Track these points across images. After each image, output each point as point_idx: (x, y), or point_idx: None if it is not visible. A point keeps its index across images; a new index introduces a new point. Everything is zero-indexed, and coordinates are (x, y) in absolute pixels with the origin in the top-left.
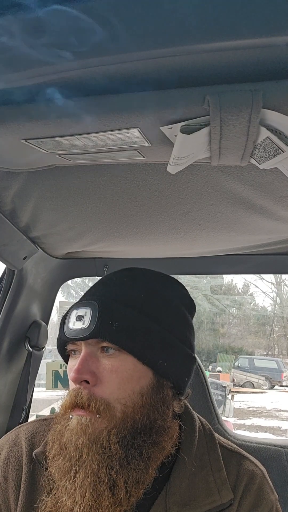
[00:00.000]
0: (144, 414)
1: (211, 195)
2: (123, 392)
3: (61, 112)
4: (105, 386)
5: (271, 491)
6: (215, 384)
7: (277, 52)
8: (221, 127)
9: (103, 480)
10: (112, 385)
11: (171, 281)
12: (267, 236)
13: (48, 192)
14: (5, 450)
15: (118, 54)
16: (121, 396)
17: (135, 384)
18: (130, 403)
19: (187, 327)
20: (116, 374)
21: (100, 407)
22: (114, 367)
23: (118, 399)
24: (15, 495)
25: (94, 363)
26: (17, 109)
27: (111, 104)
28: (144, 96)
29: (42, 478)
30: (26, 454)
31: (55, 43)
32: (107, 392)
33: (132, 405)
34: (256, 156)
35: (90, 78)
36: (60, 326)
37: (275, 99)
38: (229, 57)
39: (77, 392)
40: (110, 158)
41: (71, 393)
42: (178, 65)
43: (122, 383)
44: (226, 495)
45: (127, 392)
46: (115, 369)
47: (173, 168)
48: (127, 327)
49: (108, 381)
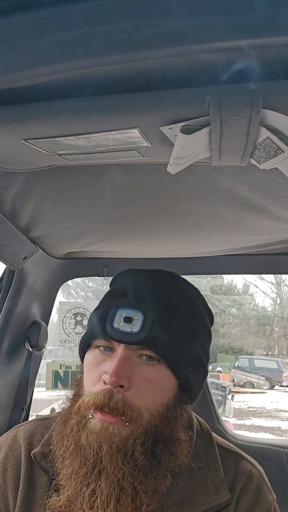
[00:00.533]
0: (165, 425)
1: (211, 195)
2: (153, 402)
3: (61, 112)
4: (138, 394)
5: (269, 492)
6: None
7: (277, 52)
8: (221, 127)
9: (127, 490)
10: (144, 394)
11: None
12: (267, 236)
13: (48, 192)
14: (4, 449)
15: (118, 54)
16: (150, 405)
17: (164, 395)
18: (156, 413)
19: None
20: (150, 383)
21: (132, 416)
22: (150, 376)
23: (147, 408)
24: (14, 494)
25: (130, 368)
26: (17, 109)
27: (111, 104)
28: (144, 96)
29: (41, 476)
30: (24, 453)
31: (55, 43)
32: (139, 400)
33: (158, 415)
34: (256, 156)
35: (90, 78)
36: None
37: (275, 99)
38: (229, 57)
39: (109, 394)
40: (110, 158)
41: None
42: (178, 65)
43: (154, 393)
44: (223, 495)
45: (156, 402)
46: (150, 379)
47: (173, 168)
48: (174, 340)
49: (141, 389)
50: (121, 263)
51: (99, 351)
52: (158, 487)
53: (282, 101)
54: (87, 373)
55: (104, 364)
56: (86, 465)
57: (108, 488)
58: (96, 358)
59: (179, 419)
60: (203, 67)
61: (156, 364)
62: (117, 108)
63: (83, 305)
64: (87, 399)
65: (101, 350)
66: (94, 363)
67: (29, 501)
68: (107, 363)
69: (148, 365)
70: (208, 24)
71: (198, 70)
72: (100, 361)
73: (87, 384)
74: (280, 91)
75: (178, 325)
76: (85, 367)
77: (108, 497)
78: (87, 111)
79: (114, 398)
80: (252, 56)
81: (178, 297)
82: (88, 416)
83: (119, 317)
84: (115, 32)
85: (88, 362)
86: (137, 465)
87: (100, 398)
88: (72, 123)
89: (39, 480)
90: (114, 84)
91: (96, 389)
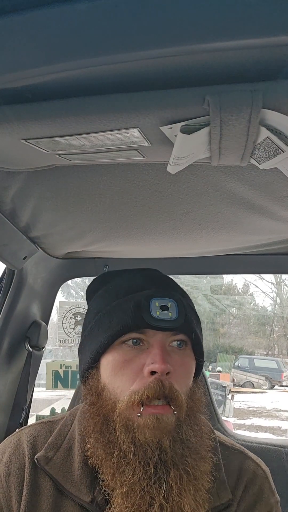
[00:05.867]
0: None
1: (211, 195)
2: (186, 385)
3: (61, 112)
4: (177, 379)
5: (272, 493)
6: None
7: (277, 52)
8: (221, 127)
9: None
10: (181, 379)
11: None
12: (267, 236)
13: (48, 192)
14: (7, 453)
15: (118, 54)
16: (184, 389)
17: (191, 378)
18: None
19: None
20: (184, 368)
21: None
22: (184, 361)
23: (184, 392)
24: (18, 499)
25: (167, 355)
26: (17, 109)
27: (111, 104)
28: (144, 96)
29: (45, 481)
30: (28, 457)
31: (55, 43)
32: (178, 385)
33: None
34: (256, 156)
35: (90, 78)
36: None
37: (275, 99)
38: (229, 57)
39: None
40: (110, 158)
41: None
42: (178, 65)
43: (187, 377)
44: (224, 496)
45: (188, 385)
46: (184, 363)
47: (173, 168)
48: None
49: (179, 374)
50: (121, 263)
51: (128, 346)
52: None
53: (282, 101)
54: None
55: (138, 358)
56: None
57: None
58: (127, 354)
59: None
60: (203, 67)
61: (186, 349)
62: (117, 108)
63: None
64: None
65: (130, 345)
66: (125, 361)
67: (33, 505)
68: (143, 355)
69: (180, 350)
70: (208, 23)
71: (198, 70)
72: (132, 357)
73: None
74: (280, 91)
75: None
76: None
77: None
78: (87, 111)
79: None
80: (252, 56)
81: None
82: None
83: (155, 307)
84: (114, 32)
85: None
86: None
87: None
88: (72, 123)
89: (43, 484)
90: (114, 84)
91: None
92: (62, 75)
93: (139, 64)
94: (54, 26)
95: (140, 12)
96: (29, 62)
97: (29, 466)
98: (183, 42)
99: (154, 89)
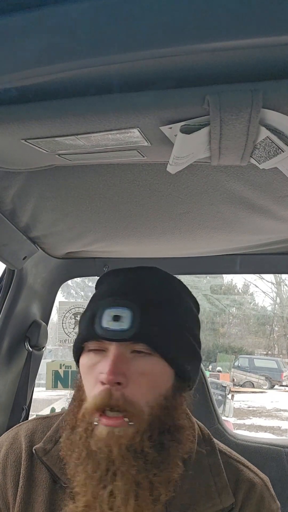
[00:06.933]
0: (167, 415)
1: (211, 195)
2: (151, 394)
3: (61, 112)
4: (136, 389)
5: (273, 500)
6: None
7: (277, 52)
8: (221, 127)
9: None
10: (142, 388)
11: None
12: (267, 236)
13: (48, 192)
14: (5, 446)
15: (118, 54)
16: (149, 398)
17: (162, 386)
18: (156, 405)
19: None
20: (146, 376)
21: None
22: (145, 370)
23: (147, 402)
24: (14, 491)
25: (124, 364)
26: (17, 109)
27: (111, 104)
28: (144, 96)
29: (42, 473)
30: (25, 450)
31: (55, 43)
32: (138, 395)
33: (158, 407)
34: (256, 156)
35: (90, 78)
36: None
37: (275, 99)
38: (229, 57)
39: (108, 393)
40: (110, 158)
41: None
42: (178, 65)
43: (152, 386)
44: (226, 499)
45: (154, 395)
46: (146, 372)
47: (173, 168)
48: (165, 331)
49: (138, 384)
50: (121, 263)
51: (93, 352)
52: (171, 476)
53: (282, 101)
54: (85, 377)
55: (99, 365)
56: (100, 469)
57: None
58: (91, 361)
59: (179, 407)
60: (203, 67)
61: (149, 356)
62: (117, 108)
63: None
64: (89, 404)
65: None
66: (89, 366)
67: (29, 498)
68: (102, 363)
69: (142, 359)
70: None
71: (198, 70)
72: (95, 363)
73: (87, 388)
74: (280, 91)
75: (166, 316)
76: (81, 372)
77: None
78: (87, 111)
79: (114, 396)
80: (252, 56)
81: (162, 290)
82: (93, 423)
83: (107, 317)
84: (114, 32)
85: (83, 366)
86: (148, 459)
87: (101, 399)
88: (72, 123)
89: (40, 476)
90: (114, 84)
91: (95, 391)
92: (62, 75)
93: (139, 64)
94: (54, 26)
95: (140, 12)
96: (29, 62)
97: (26, 459)
98: (183, 42)
99: (154, 89)
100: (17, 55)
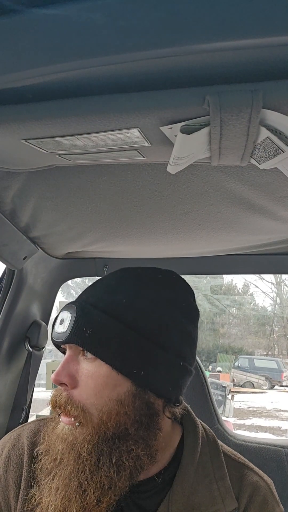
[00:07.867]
0: (118, 421)
1: (211, 195)
2: (100, 398)
3: (61, 112)
4: (82, 391)
5: (277, 504)
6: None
7: (277, 52)
8: (221, 127)
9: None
10: (88, 390)
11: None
12: (267, 236)
13: (48, 192)
14: (7, 448)
15: (118, 54)
16: (97, 402)
17: (110, 391)
18: (106, 410)
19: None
20: (92, 379)
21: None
22: (90, 372)
23: (95, 405)
24: (15, 493)
25: (74, 366)
26: (17, 109)
27: (111, 104)
28: (144, 96)
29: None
30: (27, 452)
31: (55, 43)
32: (84, 397)
33: (108, 412)
34: (256, 156)
35: (90, 78)
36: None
37: (275, 99)
38: (229, 57)
39: (57, 393)
40: (110, 158)
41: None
42: (178, 65)
43: (98, 389)
44: (230, 504)
45: (103, 398)
46: (91, 375)
47: (173, 168)
48: (100, 334)
49: (84, 386)
50: (121, 263)
51: None
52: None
53: (282, 101)
54: None
55: None
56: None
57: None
58: None
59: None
60: (203, 67)
61: (93, 359)
62: (117, 108)
63: None
64: None
65: None
66: None
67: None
68: None
69: (87, 361)
70: (208, 23)
71: (198, 70)
72: None
73: None
74: (280, 91)
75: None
76: None
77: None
78: (87, 111)
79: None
80: (252, 56)
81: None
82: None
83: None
84: (114, 32)
85: None
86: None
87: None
88: (72, 123)
89: None
90: (114, 84)
91: None
92: (62, 75)
93: (139, 64)
94: (54, 26)
95: (140, 12)
96: (29, 62)
97: (27, 461)
98: (183, 42)
99: (154, 89)
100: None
